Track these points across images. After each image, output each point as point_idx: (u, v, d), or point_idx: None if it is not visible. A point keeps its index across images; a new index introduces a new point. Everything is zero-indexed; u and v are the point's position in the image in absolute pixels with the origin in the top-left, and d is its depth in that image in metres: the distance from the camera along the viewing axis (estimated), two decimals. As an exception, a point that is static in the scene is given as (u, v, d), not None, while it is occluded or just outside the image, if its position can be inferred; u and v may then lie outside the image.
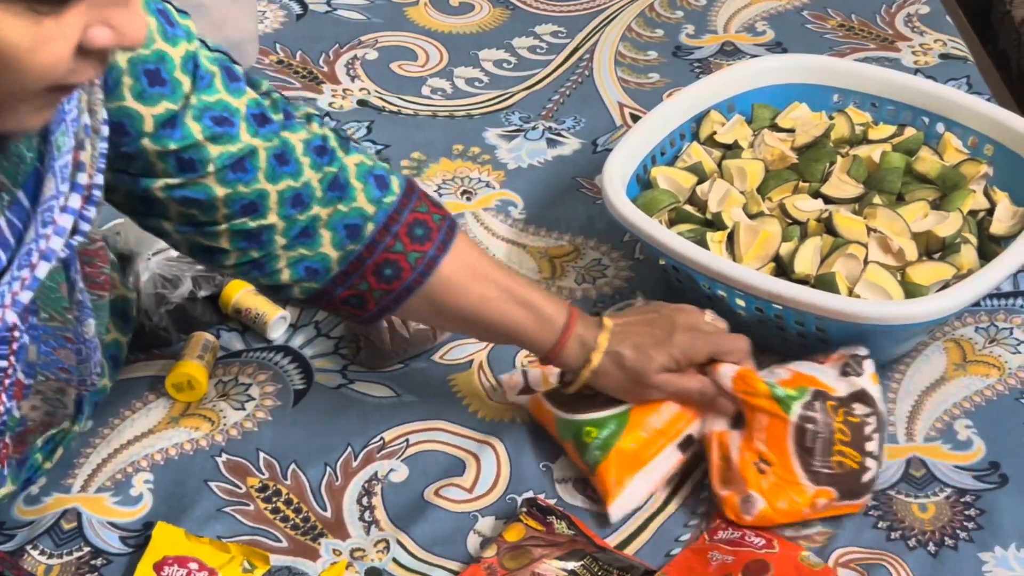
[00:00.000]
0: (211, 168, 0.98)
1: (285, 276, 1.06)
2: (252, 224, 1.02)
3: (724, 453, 1.12)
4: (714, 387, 1.13)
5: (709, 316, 1.18)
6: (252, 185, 1.00)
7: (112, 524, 1.14)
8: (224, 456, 1.20)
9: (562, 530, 1.10)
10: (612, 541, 1.12)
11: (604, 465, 1.13)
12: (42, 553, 1.11)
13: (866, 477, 1.11)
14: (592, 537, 1.10)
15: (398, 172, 1.10)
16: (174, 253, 1.30)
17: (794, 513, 1.10)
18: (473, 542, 1.12)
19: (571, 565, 1.07)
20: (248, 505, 1.15)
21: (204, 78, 0.96)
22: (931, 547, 1.10)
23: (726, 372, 1.12)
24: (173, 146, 0.95)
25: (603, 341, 1.13)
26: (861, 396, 1.12)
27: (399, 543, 1.12)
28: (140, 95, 0.92)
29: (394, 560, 1.11)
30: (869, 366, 1.14)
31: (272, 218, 1.02)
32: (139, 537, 1.12)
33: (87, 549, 1.11)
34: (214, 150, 0.97)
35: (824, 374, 1.13)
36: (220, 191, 0.99)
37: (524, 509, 1.12)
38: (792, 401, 1.10)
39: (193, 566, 1.08)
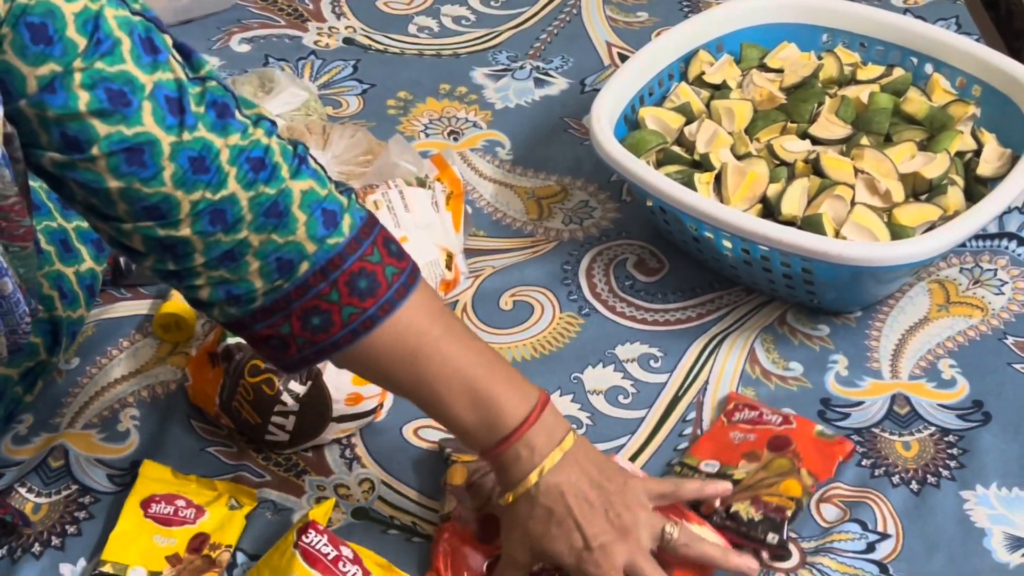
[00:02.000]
0: (97, 151, 0.82)
1: (204, 294, 0.92)
2: (161, 233, 0.87)
3: None
4: None
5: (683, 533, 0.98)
6: (153, 186, 0.84)
7: (99, 461, 1.14)
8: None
9: None
10: (624, 455, 1.14)
11: None
12: (30, 491, 1.11)
13: None
14: None
15: (359, 206, 0.93)
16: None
17: None
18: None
19: None
20: (231, 447, 1.16)
21: (104, 42, 0.81)
22: (914, 485, 1.11)
23: None
24: (52, 113, 0.81)
25: (549, 463, 0.95)
26: None
27: (384, 483, 1.13)
28: (22, 51, 0.79)
29: (380, 499, 1.11)
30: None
31: (185, 231, 0.87)
32: (126, 476, 1.13)
33: (75, 487, 1.12)
34: (102, 128, 0.82)
35: None
36: (113, 183, 0.84)
37: (449, 449, 1.11)
38: None
39: (180, 503, 1.08)
